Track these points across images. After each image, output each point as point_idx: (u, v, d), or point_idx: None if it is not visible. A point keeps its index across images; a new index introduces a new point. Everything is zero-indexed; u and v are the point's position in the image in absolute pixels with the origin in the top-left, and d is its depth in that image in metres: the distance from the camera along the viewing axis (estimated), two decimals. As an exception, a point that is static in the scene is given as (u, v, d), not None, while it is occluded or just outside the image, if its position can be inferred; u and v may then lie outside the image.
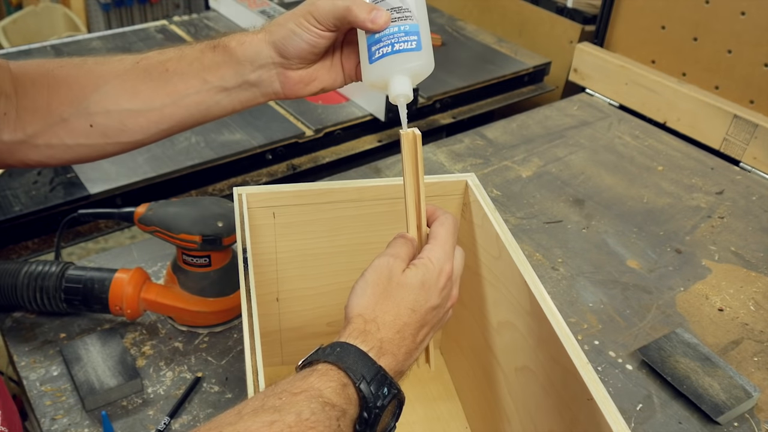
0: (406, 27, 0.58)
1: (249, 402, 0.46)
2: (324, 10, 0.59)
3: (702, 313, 0.95)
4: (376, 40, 0.58)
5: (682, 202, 1.18)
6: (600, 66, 1.51)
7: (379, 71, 0.58)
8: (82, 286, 0.82)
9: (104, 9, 2.88)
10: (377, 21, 0.58)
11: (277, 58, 0.62)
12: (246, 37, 0.63)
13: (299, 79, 0.63)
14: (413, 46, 0.58)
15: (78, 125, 0.65)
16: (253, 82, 0.64)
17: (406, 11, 0.59)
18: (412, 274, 0.54)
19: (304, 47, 0.61)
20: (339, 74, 0.65)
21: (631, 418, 0.79)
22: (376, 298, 0.52)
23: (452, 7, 1.95)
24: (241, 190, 0.69)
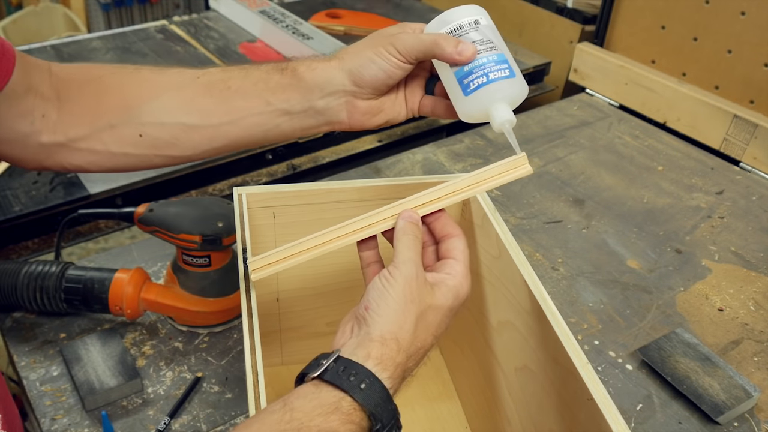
0: (493, 57, 0.59)
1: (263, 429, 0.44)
2: (408, 43, 0.59)
3: (702, 313, 0.95)
4: (466, 73, 0.59)
5: (682, 202, 1.18)
6: (600, 66, 1.51)
7: (478, 102, 0.58)
8: (82, 286, 0.82)
9: (104, 9, 2.88)
10: (465, 53, 0.58)
11: (349, 86, 0.61)
12: (317, 63, 0.62)
13: (367, 110, 0.63)
14: (507, 74, 0.58)
15: (127, 133, 0.63)
16: (319, 110, 0.63)
17: (488, 42, 0.60)
18: (444, 298, 0.52)
19: (381, 77, 0.60)
20: (403, 108, 0.65)
21: (631, 418, 0.79)
22: (407, 318, 0.49)
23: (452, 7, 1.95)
24: (241, 190, 0.69)
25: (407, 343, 0.49)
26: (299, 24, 1.61)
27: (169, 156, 0.65)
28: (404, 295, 0.49)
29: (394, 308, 0.49)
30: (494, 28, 0.62)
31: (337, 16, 1.78)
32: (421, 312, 0.50)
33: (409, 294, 0.50)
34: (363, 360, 0.46)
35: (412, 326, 0.49)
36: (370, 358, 0.47)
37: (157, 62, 1.51)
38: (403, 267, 0.51)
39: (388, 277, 0.50)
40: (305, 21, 1.65)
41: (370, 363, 0.46)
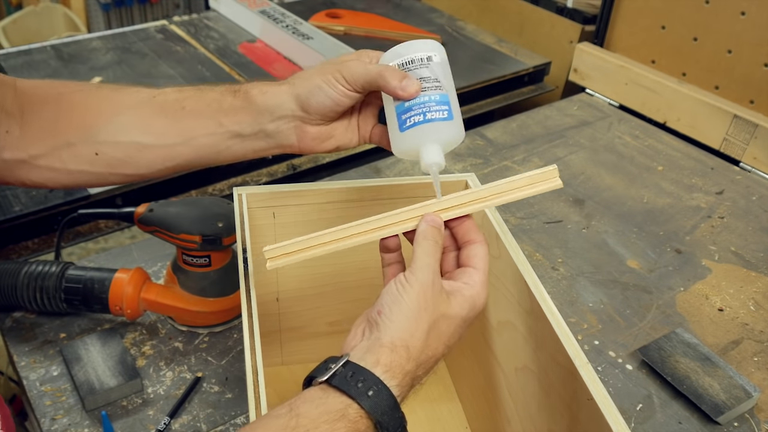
0: (436, 96, 0.59)
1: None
2: (355, 72, 0.59)
3: (702, 313, 0.95)
4: (406, 108, 0.58)
5: (682, 202, 1.18)
6: (600, 66, 1.51)
7: (411, 140, 0.58)
8: (82, 286, 0.82)
9: (104, 9, 2.88)
10: (407, 89, 0.58)
11: (298, 111, 0.62)
12: (269, 87, 0.63)
13: (316, 135, 0.63)
14: (445, 116, 0.58)
15: (84, 151, 0.64)
16: (269, 133, 0.63)
17: (434, 81, 0.60)
18: (459, 307, 0.51)
19: (328, 104, 0.61)
20: (355, 135, 0.65)
21: (631, 418, 0.79)
22: (419, 326, 0.48)
23: (452, 7, 1.95)
24: (241, 190, 0.69)
25: (417, 351, 0.48)
26: (299, 24, 1.61)
27: (124, 174, 0.66)
28: (418, 302, 0.49)
29: (407, 315, 0.48)
30: (446, 67, 0.62)
31: (337, 16, 1.78)
32: (434, 320, 0.49)
33: (423, 301, 0.49)
34: (372, 366, 0.46)
35: (424, 334, 0.48)
36: (379, 364, 0.46)
37: (157, 62, 1.51)
38: (420, 273, 0.50)
39: (404, 283, 0.50)
40: (305, 21, 1.65)
41: (379, 369, 0.46)
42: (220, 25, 1.74)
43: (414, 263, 0.51)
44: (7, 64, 1.45)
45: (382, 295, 0.50)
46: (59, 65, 1.46)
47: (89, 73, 1.43)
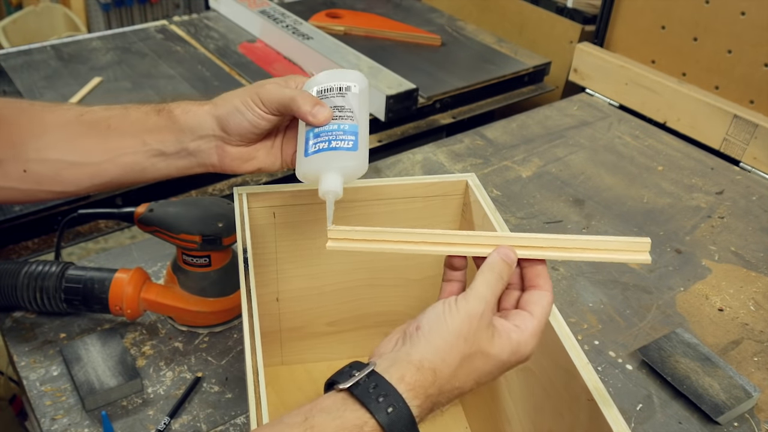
0: (345, 126, 0.59)
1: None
2: (271, 95, 0.60)
3: (702, 313, 0.95)
4: (315, 134, 0.60)
5: (682, 202, 1.18)
6: (600, 66, 1.51)
7: (313, 165, 0.59)
8: (82, 286, 0.82)
9: (104, 9, 2.88)
10: (318, 116, 0.59)
11: (218, 132, 0.63)
12: (192, 107, 0.64)
13: (237, 156, 0.64)
14: (349, 146, 0.59)
15: (12, 169, 0.65)
16: (191, 151, 0.64)
17: (348, 111, 0.60)
18: (500, 349, 0.48)
19: (246, 126, 0.62)
20: (278, 158, 0.66)
21: (631, 418, 0.79)
22: (453, 353, 0.46)
23: (452, 7, 1.95)
24: (241, 190, 0.69)
25: (444, 378, 0.46)
26: (299, 24, 1.61)
27: (52, 191, 0.67)
28: (460, 330, 0.46)
29: (444, 338, 0.46)
30: (364, 99, 0.62)
31: (337, 16, 1.78)
32: (471, 354, 0.47)
33: (465, 330, 0.47)
34: (396, 382, 0.44)
35: (456, 363, 0.46)
36: (404, 381, 0.44)
37: (157, 62, 1.51)
38: (473, 301, 0.48)
39: (452, 306, 0.48)
40: (305, 21, 1.65)
41: (403, 387, 0.44)
42: (220, 25, 1.74)
43: (470, 290, 0.49)
44: (7, 64, 1.45)
45: (428, 311, 0.49)
46: (59, 65, 1.46)
47: (89, 73, 1.43)
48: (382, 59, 1.49)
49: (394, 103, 1.33)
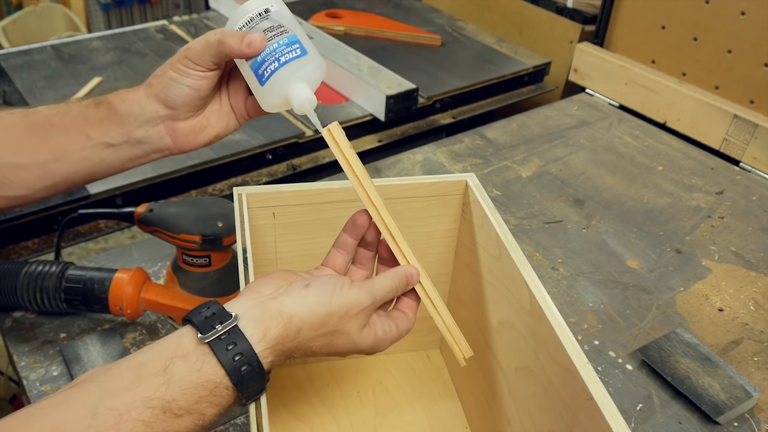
0: (284, 40, 0.59)
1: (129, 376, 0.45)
2: (198, 50, 0.59)
3: (702, 313, 0.95)
4: (259, 63, 0.58)
5: (682, 202, 1.18)
6: (600, 66, 1.51)
7: (274, 88, 0.58)
8: (82, 286, 0.82)
9: (104, 9, 2.88)
10: (253, 44, 0.58)
11: (162, 111, 0.61)
12: (128, 94, 0.63)
13: (190, 130, 0.63)
14: (299, 53, 0.58)
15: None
16: (139, 139, 0.63)
17: (278, 27, 0.59)
18: (364, 340, 0.54)
19: (188, 92, 0.60)
20: (231, 117, 0.65)
21: (631, 418, 0.79)
22: (323, 324, 0.51)
23: (452, 7, 1.95)
24: (241, 190, 0.69)
25: (304, 339, 0.50)
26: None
27: (5, 197, 0.65)
28: (339, 309, 0.51)
29: (324, 309, 0.51)
30: (286, 13, 0.61)
31: (337, 16, 1.78)
32: (337, 331, 0.52)
33: (344, 312, 0.51)
34: (257, 340, 0.48)
35: (321, 333, 0.51)
36: (266, 338, 0.48)
37: (157, 62, 1.51)
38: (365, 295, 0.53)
39: (345, 286, 0.53)
40: (305, 21, 1.65)
41: (263, 344, 0.48)
42: (220, 25, 1.74)
43: (370, 283, 0.55)
44: (7, 64, 1.45)
45: (323, 276, 0.53)
46: (59, 65, 1.46)
47: (89, 73, 1.43)
48: (382, 59, 1.49)
49: (394, 103, 1.33)
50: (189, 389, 0.45)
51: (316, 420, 0.77)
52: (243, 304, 0.50)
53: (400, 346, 0.85)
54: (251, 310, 0.49)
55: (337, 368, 0.84)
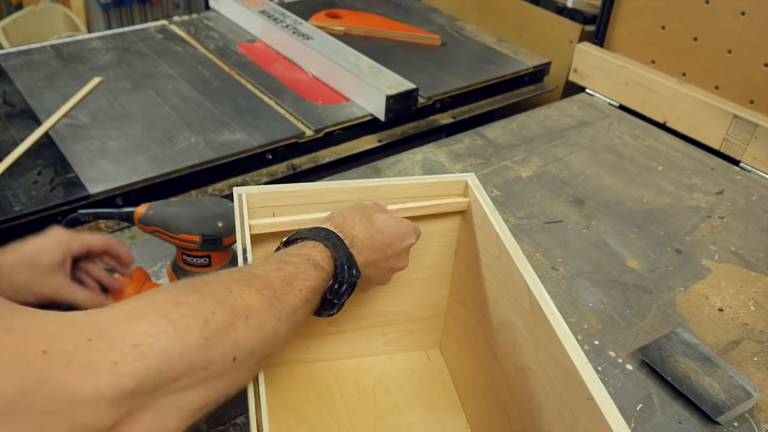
0: None
1: (255, 261, 0.56)
2: None
3: (702, 313, 0.95)
4: None
5: (682, 202, 1.18)
6: (600, 66, 1.51)
7: None
8: (82, 286, 0.82)
9: (104, 9, 2.88)
10: None
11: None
12: None
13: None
14: None
15: None
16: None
17: None
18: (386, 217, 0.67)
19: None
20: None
21: (631, 418, 0.79)
22: (353, 212, 0.65)
23: (452, 7, 1.95)
24: (241, 190, 0.69)
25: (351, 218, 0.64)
26: (299, 24, 1.61)
27: None
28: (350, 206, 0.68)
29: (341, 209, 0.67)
30: None
31: (337, 16, 1.78)
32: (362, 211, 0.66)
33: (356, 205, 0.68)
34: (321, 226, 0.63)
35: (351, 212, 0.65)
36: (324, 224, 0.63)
37: (157, 62, 1.51)
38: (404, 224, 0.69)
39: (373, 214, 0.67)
40: (305, 21, 1.65)
41: (326, 224, 0.63)
42: (220, 25, 1.74)
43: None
44: (7, 64, 1.45)
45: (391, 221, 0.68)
46: (59, 65, 1.46)
47: (89, 73, 1.43)
48: (382, 59, 1.49)
49: (394, 103, 1.33)
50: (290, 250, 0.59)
51: (316, 420, 0.77)
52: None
53: (400, 346, 0.86)
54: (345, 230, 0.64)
55: (337, 368, 0.84)
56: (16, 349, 0.35)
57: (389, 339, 0.85)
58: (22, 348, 0.35)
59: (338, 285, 0.59)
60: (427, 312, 0.84)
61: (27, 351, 0.35)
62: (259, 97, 1.39)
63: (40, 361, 0.35)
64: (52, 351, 0.36)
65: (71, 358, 0.37)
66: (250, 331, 0.47)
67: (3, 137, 1.20)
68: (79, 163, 1.14)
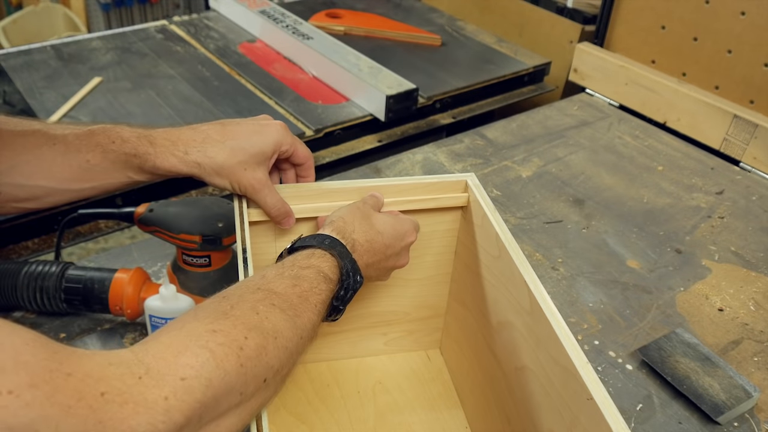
0: None
1: (267, 270, 0.56)
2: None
3: (702, 313, 0.95)
4: None
5: (682, 202, 1.18)
6: (600, 66, 1.51)
7: None
8: (82, 286, 0.82)
9: (104, 9, 2.88)
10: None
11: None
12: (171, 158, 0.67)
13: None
14: None
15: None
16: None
17: None
18: (385, 217, 0.67)
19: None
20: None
21: (631, 418, 0.79)
22: (353, 214, 0.65)
23: (452, 7, 1.95)
24: (241, 190, 0.69)
25: (351, 221, 0.65)
26: (299, 24, 1.61)
27: (28, 208, 0.68)
28: (348, 206, 0.67)
29: (340, 210, 0.67)
30: None
31: (337, 16, 1.78)
32: (362, 213, 0.66)
33: (354, 205, 0.68)
34: (322, 231, 0.63)
35: (351, 214, 0.65)
36: (325, 231, 0.63)
37: (157, 62, 1.51)
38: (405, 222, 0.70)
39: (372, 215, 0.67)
40: (305, 21, 1.65)
41: (326, 232, 0.62)
42: (220, 25, 1.74)
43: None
44: (7, 64, 1.45)
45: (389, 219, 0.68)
46: (59, 65, 1.46)
47: (89, 73, 1.43)
48: (382, 59, 1.49)
49: (394, 103, 1.33)
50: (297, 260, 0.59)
51: (316, 420, 0.77)
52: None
53: (400, 346, 0.86)
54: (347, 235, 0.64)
55: (337, 368, 0.84)
56: (78, 393, 0.36)
57: (389, 339, 0.85)
58: (82, 392, 0.37)
59: (344, 291, 0.60)
60: (427, 312, 0.84)
61: (87, 395, 0.37)
62: (259, 97, 1.39)
63: (100, 403, 0.37)
64: (109, 392, 0.38)
65: (126, 398, 0.38)
66: (279, 351, 0.49)
67: (3, 137, 1.20)
68: (79, 163, 1.13)
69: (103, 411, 0.37)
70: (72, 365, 0.37)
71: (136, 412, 0.38)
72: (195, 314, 0.48)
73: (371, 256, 0.65)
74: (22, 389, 0.34)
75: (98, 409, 0.36)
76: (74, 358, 0.37)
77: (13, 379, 0.34)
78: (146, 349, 0.42)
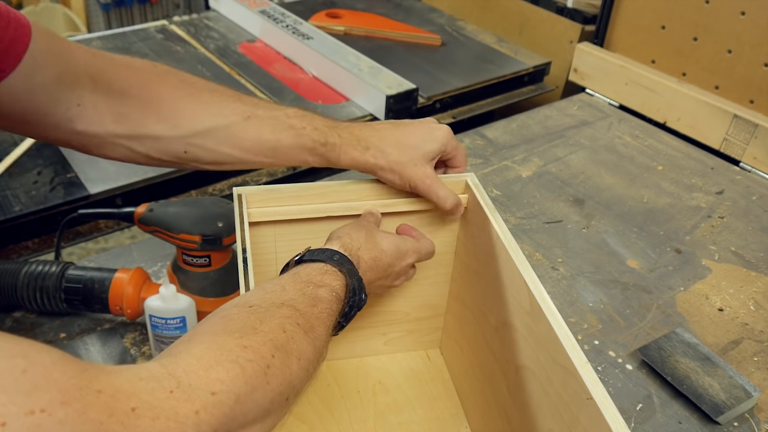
0: None
1: (285, 282, 0.57)
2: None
3: (702, 313, 0.95)
4: None
5: (682, 202, 1.18)
6: (600, 66, 1.51)
7: None
8: (82, 286, 0.82)
9: (104, 9, 2.88)
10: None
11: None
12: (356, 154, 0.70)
13: None
14: None
15: (171, 147, 0.68)
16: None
17: None
18: (389, 237, 0.68)
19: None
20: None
21: (631, 418, 0.79)
22: (358, 232, 0.66)
23: (452, 7, 1.95)
24: (241, 190, 0.69)
25: (356, 238, 0.65)
26: (299, 24, 1.61)
27: (207, 169, 0.72)
28: (352, 224, 0.68)
29: (345, 227, 0.67)
30: None
31: (337, 16, 1.78)
32: (367, 230, 0.67)
33: (359, 223, 0.68)
34: (330, 246, 0.64)
35: (356, 232, 0.66)
36: (332, 246, 0.64)
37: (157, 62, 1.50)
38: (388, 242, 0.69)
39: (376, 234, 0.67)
40: (305, 21, 1.65)
41: (335, 245, 0.64)
42: (220, 25, 1.74)
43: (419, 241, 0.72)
44: (7, 64, 1.45)
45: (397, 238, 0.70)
46: (59, 65, 1.46)
47: (89, 73, 1.43)
48: (382, 59, 1.49)
49: (394, 103, 1.33)
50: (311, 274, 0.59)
51: (316, 420, 0.77)
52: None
53: (400, 345, 0.86)
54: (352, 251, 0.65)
55: (337, 368, 0.84)
56: (110, 410, 0.36)
57: (389, 339, 0.85)
58: (113, 408, 0.36)
59: (349, 308, 0.61)
60: (427, 312, 0.84)
61: (118, 411, 0.37)
62: (260, 97, 1.39)
63: (131, 419, 0.37)
64: (140, 407, 0.37)
65: (158, 413, 0.38)
66: (301, 372, 0.50)
67: (3, 137, 1.20)
68: (79, 163, 1.14)
69: (135, 426, 0.37)
70: (101, 382, 0.37)
71: (168, 427, 0.38)
72: (225, 326, 0.48)
73: (374, 274, 0.65)
74: (54, 407, 0.34)
75: (130, 425, 0.36)
76: (103, 375, 0.38)
77: (45, 397, 0.34)
78: (176, 362, 0.42)
